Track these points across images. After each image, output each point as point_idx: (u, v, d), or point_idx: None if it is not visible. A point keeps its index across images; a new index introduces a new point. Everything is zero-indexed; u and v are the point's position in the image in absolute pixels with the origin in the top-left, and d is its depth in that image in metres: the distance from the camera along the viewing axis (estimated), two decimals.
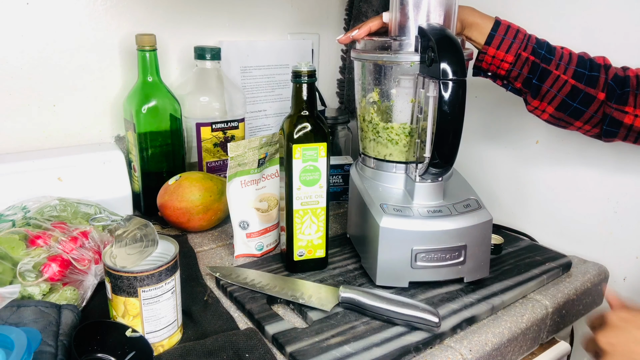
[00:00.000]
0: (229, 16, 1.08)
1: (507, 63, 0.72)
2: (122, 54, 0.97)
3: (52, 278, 0.62)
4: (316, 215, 0.73)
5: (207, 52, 0.95)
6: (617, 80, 0.69)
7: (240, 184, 0.77)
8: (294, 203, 0.72)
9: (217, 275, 0.72)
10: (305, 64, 0.69)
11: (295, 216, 0.73)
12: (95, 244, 0.68)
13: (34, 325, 0.53)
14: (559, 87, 0.71)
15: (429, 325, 0.61)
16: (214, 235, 0.89)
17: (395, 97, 0.74)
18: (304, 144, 0.70)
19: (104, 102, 0.97)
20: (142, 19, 0.97)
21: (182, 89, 0.97)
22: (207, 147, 0.99)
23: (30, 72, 0.89)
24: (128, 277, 0.54)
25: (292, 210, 0.72)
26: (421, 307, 0.62)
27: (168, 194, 0.85)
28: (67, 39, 0.91)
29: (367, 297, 0.64)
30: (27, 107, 0.90)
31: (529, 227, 0.93)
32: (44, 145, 0.92)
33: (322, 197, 0.73)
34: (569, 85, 0.71)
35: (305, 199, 0.72)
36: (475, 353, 0.61)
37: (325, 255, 0.76)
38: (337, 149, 1.16)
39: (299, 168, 0.71)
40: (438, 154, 0.66)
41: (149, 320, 0.56)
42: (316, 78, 0.71)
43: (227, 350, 0.57)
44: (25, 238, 0.65)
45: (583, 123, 0.73)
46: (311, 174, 0.71)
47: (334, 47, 1.26)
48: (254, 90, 1.13)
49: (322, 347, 0.58)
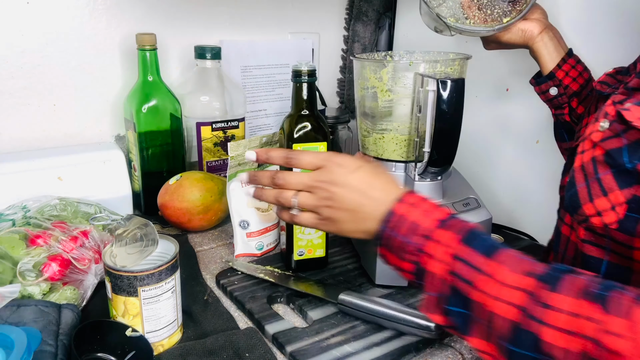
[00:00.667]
0: (229, 16, 1.08)
1: (583, 78, 0.73)
2: (122, 54, 0.97)
3: (52, 277, 0.62)
4: None
5: (207, 52, 0.95)
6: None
7: (241, 183, 0.77)
8: None
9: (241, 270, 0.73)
10: (305, 64, 0.69)
11: None
12: (96, 243, 0.68)
13: (34, 325, 0.53)
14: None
15: (427, 331, 0.60)
16: (214, 235, 0.89)
17: (394, 96, 0.74)
18: (304, 143, 0.70)
19: (104, 102, 0.97)
20: (143, 18, 0.97)
21: (183, 88, 0.97)
22: (208, 147, 0.99)
23: (31, 72, 0.89)
24: (128, 276, 0.54)
25: None
26: (423, 315, 0.60)
27: (169, 194, 0.85)
28: (67, 38, 0.91)
29: (366, 302, 0.63)
30: (27, 107, 0.90)
31: (529, 227, 0.93)
32: (44, 145, 0.92)
33: None
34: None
35: None
36: (475, 353, 0.61)
37: (325, 255, 0.76)
38: (338, 148, 1.16)
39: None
40: (437, 152, 0.66)
41: (149, 319, 0.56)
42: (316, 77, 0.71)
43: (227, 349, 0.57)
44: (26, 237, 0.65)
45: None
46: None
47: (335, 46, 1.25)
48: (254, 90, 1.13)
49: (322, 346, 0.58)
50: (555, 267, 0.42)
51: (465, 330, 0.45)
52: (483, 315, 0.43)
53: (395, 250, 0.49)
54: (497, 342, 0.42)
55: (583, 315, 0.37)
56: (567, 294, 0.39)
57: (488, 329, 0.42)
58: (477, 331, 0.44)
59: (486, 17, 0.73)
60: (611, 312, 0.37)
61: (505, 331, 0.41)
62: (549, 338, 0.38)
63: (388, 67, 0.72)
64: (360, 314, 0.63)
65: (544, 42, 0.73)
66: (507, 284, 0.42)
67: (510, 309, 0.41)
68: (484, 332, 0.43)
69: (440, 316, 0.47)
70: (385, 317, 0.61)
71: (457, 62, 0.73)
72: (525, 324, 0.40)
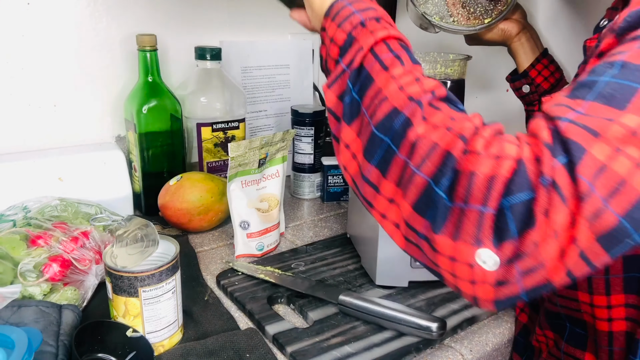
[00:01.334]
0: (229, 16, 1.08)
1: (553, 78, 0.77)
2: (122, 54, 0.97)
3: (53, 278, 0.62)
4: None
5: (207, 52, 0.95)
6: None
7: (241, 184, 0.77)
8: None
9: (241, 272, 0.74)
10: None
11: None
12: (96, 244, 0.68)
13: (35, 325, 0.53)
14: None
15: (427, 332, 0.60)
16: (215, 236, 0.89)
17: None
18: None
19: (104, 102, 0.97)
20: (143, 19, 0.97)
21: (183, 89, 0.97)
22: (208, 147, 0.99)
23: (31, 72, 0.89)
24: (129, 277, 0.54)
25: None
26: (424, 316, 0.61)
27: (169, 194, 0.85)
28: (67, 39, 0.91)
29: (366, 303, 0.63)
30: (27, 107, 0.90)
31: None
32: (45, 145, 0.92)
33: None
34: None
35: None
36: (475, 353, 0.61)
37: None
38: None
39: None
40: None
41: (150, 320, 0.56)
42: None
43: (228, 350, 0.57)
44: (26, 238, 0.65)
45: None
46: None
47: None
48: (255, 91, 1.13)
49: (322, 347, 0.58)
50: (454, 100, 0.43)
51: (349, 116, 0.45)
52: (374, 100, 0.43)
53: (339, 17, 0.49)
54: (366, 130, 0.43)
55: (462, 118, 0.40)
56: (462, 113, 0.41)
57: (370, 114, 0.43)
58: (358, 121, 0.44)
59: (469, 14, 0.76)
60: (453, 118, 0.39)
61: (381, 115, 0.42)
62: (422, 129, 0.39)
63: None
64: (361, 315, 0.63)
65: (521, 42, 0.77)
66: (417, 79, 0.43)
67: (403, 98, 0.41)
68: (362, 122, 0.44)
69: (335, 96, 0.47)
70: (385, 318, 0.61)
71: (457, 63, 0.73)
72: (408, 109, 0.41)
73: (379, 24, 0.47)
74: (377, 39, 0.45)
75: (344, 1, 0.50)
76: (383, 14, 0.49)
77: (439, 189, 0.37)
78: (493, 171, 0.35)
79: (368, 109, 0.43)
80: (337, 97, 0.47)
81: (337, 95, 0.47)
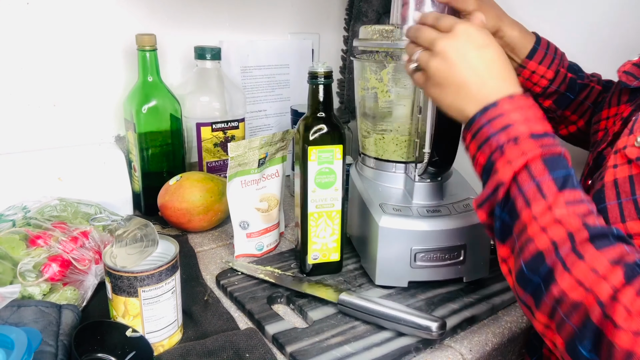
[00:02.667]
0: (229, 16, 1.08)
1: (546, 80, 0.71)
2: (122, 54, 0.97)
3: (53, 278, 0.62)
4: (331, 219, 0.73)
5: (207, 52, 0.95)
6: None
7: (241, 184, 0.77)
8: (309, 206, 0.72)
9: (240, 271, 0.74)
10: (322, 65, 0.68)
11: (310, 219, 0.72)
12: (96, 244, 0.68)
13: (35, 325, 0.53)
14: (593, 98, 0.73)
15: (427, 332, 0.60)
16: (214, 235, 0.89)
17: (395, 97, 0.74)
18: (319, 146, 0.69)
19: (104, 102, 0.97)
20: (143, 19, 0.97)
21: (183, 88, 0.97)
22: (208, 147, 0.99)
23: (31, 72, 0.89)
24: (128, 277, 0.54)
25: (307, 213, 0.72)
26: (423, 316, 0.61)
27: (169, 194, 0.85)
28: (67, 39, 0.91)
29: (366, 302, 0.63)
30: (27, 107, 0.90)
31: None
32: (44, 145, 0.92)
33: (337, 200, 0.72)
34: (595, 92, 0.73)
35: (320, 201, 0.72)
36: (475, 353, 0.61)
37: (340, 259, 0.75)
38: None
39: (314, 170, 0.70)
40: (437, 153, 0.66)
41: (149, 320, 0.56)
42: (332, 79, 0.70)
43: (228, 350, 0.57)
44: (26, 238, 0.65)
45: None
46: (326, 176, 0.71)
47: (334, 47, 1.25)
48: (254, 90, 1.13)
49: (322, 347, 0.58)
50: (612, 230, 0.42)
51: (501, 238, 0.47)
52: (521, 236, 0.44)
53: (478, 139, 0.49)
54: (517, 261, 0.45)
55: (602, 275, 0.39)
56: (605, 256, 0.40)
57: (519, 248, 0.44)
58: (510, 243, 0.46)
59: None
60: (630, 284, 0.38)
61: (528, 255, 0.43)
62: (564, 284, 0.40)
63: (388, 68, 0.72)
64: (360, 315, 0.63)
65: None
66: (558, 219, 0.43)
67: (546, 242, 0.42)
68: (513, 247, 0.45)
69: (485, 215, 0.49)
70: (385, 318, 0.61)
71: None
72: (550, 258, 0.42)
73: (516, 147, 0.46)
74: (515, 169, 0.45)
75: (483, 118, 0.49)
76: (524, 125, 0.47)
77: (582, 348, 0.39)
78: (631, 347, 0.36)
79: (517, 239, 0.45)
80: (487, 215, 0.49)
81: (487, 213, 0.49)
